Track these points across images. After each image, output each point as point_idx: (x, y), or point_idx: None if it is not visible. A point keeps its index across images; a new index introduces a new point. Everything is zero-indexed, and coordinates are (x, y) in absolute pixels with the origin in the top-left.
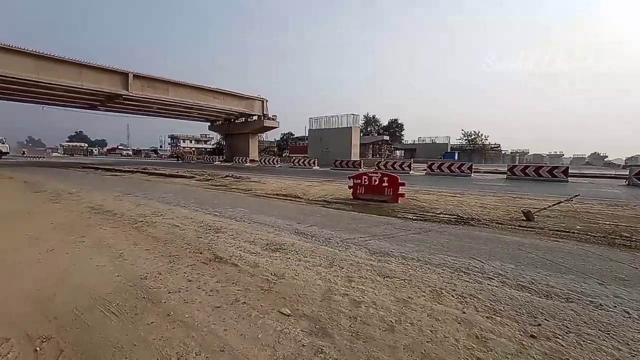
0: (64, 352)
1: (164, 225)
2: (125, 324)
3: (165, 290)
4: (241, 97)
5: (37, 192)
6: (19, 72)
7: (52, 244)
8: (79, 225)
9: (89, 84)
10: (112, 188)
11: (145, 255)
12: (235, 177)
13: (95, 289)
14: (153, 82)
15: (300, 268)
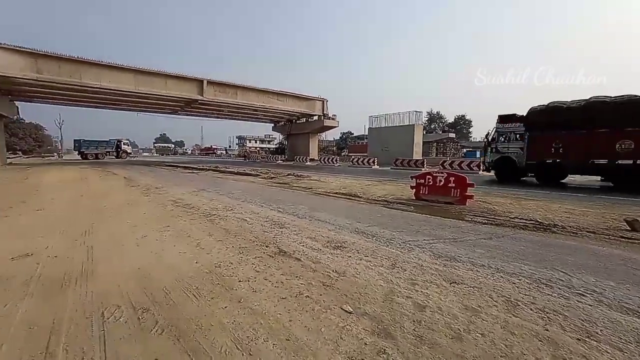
0: (159, 322)
1: (234, 219)
2: (203, 306)
3: (236, 278)
4: (302, 98)
5: (133, 187)
6: (123, 85)
7: (145, 231)
8: (164, 216)
9: (173, 92)
10: (189, 184)
11: (219, 245)
12: (296, 175)
13: (179, 272)
14: (224, 87)
15: (361, 267)
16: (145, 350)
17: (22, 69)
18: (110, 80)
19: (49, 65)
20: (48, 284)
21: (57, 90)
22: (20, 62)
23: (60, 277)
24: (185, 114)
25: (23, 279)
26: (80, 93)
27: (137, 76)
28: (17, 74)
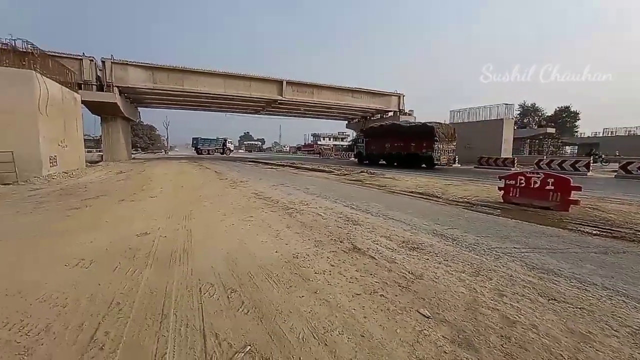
0: (244, 303)
1: (309, 214)
2: (282, 293)
3: (312, 270)
4: (377, 94)
5: (221, 180)
6: (215, 89)
7: (232, 220)
8: (248, 207)
9: (256, 93)
10: (269, 179)
11: (296, 237)
12: (369, 173)
13: (261, 259)
14: (301, 86)
15: (440, 271)
16: (234, 326)
17: (143, 80)
18: (205, 85)
19: (161, 76)
20: (161, 258)
21: (166, 96)
22: (142, 75)
23: (168, 253)
24: (266, 113)
25: (145, 252)
26: (182, 98)
27: (226, 80)
28: (141, 84)
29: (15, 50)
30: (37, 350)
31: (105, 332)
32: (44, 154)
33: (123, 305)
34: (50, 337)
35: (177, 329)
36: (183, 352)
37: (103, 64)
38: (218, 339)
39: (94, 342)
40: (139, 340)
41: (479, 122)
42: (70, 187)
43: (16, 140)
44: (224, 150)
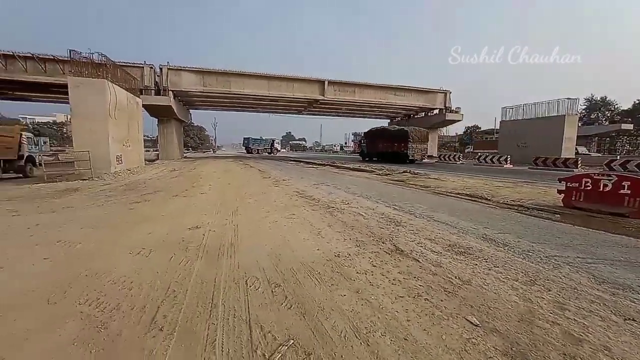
0: (288, 298)
1: (351, 213)
2: (324, 290)
3: (354, 270)
4: (421, 92)
5: (265, 178)
6: (259, 91)
7: (275, 217)
8: (290, 205)
9: (298, 94)
10: (310, 178)
11: (337, 236)
12: (412, 173)
13: (303, 257)
14: (343, 86)
15: (490, 278)
16: (277, 320)
17: (195, 84)
18: (250, 87)
19: (210, 79)
20: (210, 251)
21: (214, 99)
22: (194, 79)
23: (217, 247)
24: (308, 113)
25: (196, 244)
26: (229, 99)
27: (270, 82)
28: (192, 88)
29: (93, 63)
30: (110, 325)
31: (164, 315)
32: (112, 153)
33: (178, 293)
34: (120, 315)
35: (225, 318)
36: (231, 340)
37: (160, 71)
38: (263, 330)
39: (155, 324)
40: (192, 325)
41: (536, 119)
42: (132, 183)
43: (92, 141)
44: (272, 150)
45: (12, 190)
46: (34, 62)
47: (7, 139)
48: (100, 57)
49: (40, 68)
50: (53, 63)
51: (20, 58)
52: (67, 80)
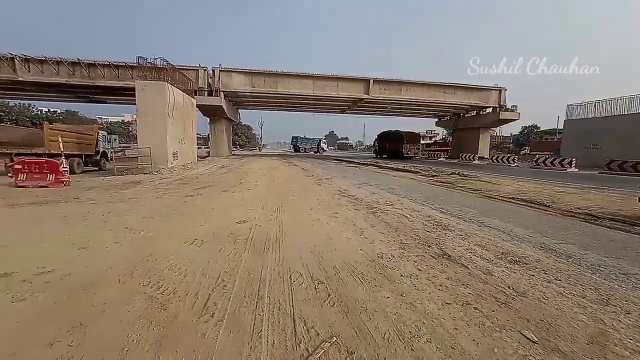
0: (331, 296)
1: (394, 214)
2: (367, 290)
3: (397, 272)
4: (473, 89)
5: (308, 177)
6: (305, 90)
7: (318, 215)
8: (333, 204)
9: (342, 93)
10: (353, 177)
11: (380, 237)
12: (461, 175)
13: (346, 256)
14: (388, 84)
15: (550, 291)
16: (320, 316)
17: (244, 84)
18: (296, 86)
19: (258, 80)
20: (256, 244)
21: (261, 98)
22: (243, 80)
23: (263, 241)
24: (352, 112)
25: (243, 237)
26: (275, 99)
27: (315, 81)
28: (241, 89)
29: (155, 67)
30: (169, 307)
31: (214, 302)
32: (170, 150)
33: (227, 283)
34: (177, 299)
35: (271, 310)
36: (276, 332)
37: (213, 72)
38: (306, 325)
39: (206, 310)
40: (239, 314)
41: (614, 117)
42: (186, 177)
43: (152, 138)
44: (318, 149)
45: (90, 181)
46: (110, 68)
47: (88, 137)
48: (162, 62)
49: (114, 74)
50: (124, 69)
51: (99, 66)
52: (135, 83)
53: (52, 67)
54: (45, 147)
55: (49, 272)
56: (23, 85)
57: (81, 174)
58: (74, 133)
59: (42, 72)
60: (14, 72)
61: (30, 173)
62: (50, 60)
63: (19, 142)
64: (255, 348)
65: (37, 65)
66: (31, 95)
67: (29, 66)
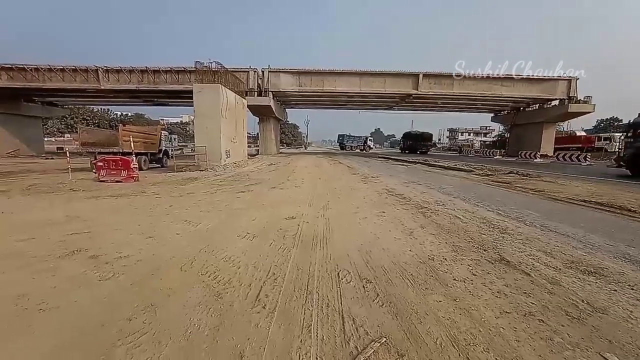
0: (379, 296)
1: (446, 215)
2: (418, 293)
3: (450, 276)
4: (536, 80)
5: (354, 175)
6: (351, 88)
7: (365, 214)
8: (380, 202)
9: (390, 89)
10: (400, 176)
11: (431, 238)
12: (521, 174)
13: (394, 256)
14: (439, 78)
15: (637, 310)
16: (369, 315)
17: (291, 84)
18: (342, 84)
19: (305, 79)
20: (305, 240)
21: (308, 97)
22: (290, 80)
23: (311, 237)
24: (399, 108)
25: (292, 233)
26: (322, 97)
27: (362, 78)
28: (289, 88)
29: (211, 70)
30: (224, 296)
31: (266, 294)
32: (223, 148)
33: (277, 276)
34: (231, 289)
35: (320, 306)
36: (325, 328)
37: (262, 73)
38: (355, 323)
39: (259, 301)
40: (289, 308)
41: None
42: (237, 174)
43: (207, 137)
44: (364, 147)
45: (154, 177)
46: (171, 74)
47: (153, 137)
48: (216, 65)
49: (175, 78)
50: (183, 73)
51: (162, 72)
52: (193, 86)
53: (125, 76)
54: (119, 147)
55: (125, 257)
56: (104, 93)
57: (147, 170)
58: (141, 133)
59: (118, 81)
60: (98, 81)
61: (108, 169)
62: (124, 70)
63: (101, 143)
64: (305, 342)
65: (114, 74)
66: (109, 100)
67: (108, 76)
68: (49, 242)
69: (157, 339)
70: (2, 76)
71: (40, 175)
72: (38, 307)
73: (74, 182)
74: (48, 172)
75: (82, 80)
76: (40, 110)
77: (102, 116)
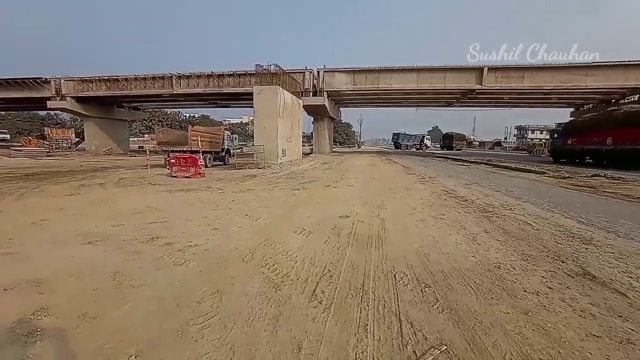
0: (439, 301)
1: (514, 220)
2: (482, 302)
3: (520, 287)
4: (632, 66)
5: (409, 174)
6: (407, 85)
7: (422, 215)
8: (438, 204)
9: (450, 84)
10: (460, 176)
11: (497, 245)
12: (610, 177)
13: (455, 261)
14: (507, 71)
15: None
16: (428, 321)
17: (346, 83)
18: (398, 81)
19: (360, 78)
20: (360, 239)
21: (362, 96)
22: (345, 79)
23: (365, 237)
24: (460, 105)
25: (347, 232)
26: (376, 96)
27: (419, 74)
28: (343, 87)
29: (269, 73)
30: (282, 288)
31: (322, 290)
32: (279, 147)
33: (333, 273)
34: (289, 282)
35: (376, 306)
36: (382, 329)
37: (317, 73)
38: (413, 328)
39: (315, 296)
40: (345, 305)
41: None
42: (293, 172)
43: (265, 137)
44: (420, 146)
45: (218, 174)
46: (234, 77)
47: (217, 136)
48: (274, 68)
49: (237, 81)
50: (244, 77)
51: (226, 76)
52: (253, 88)
53: (194, 80)
54: (188, 145)
55: (194, 246)
56: (176, 97)
57: (211, 167)
58: (207, 133)
59: (188, 85)
60: (172, 86)
61: (179, 166)
62: (193, 75)
63: (173, 142)
64: (361, 341)
65: (185, 80)
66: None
67: (180, 81)
68: (134, 229)
69: (224, 322)
70: (102, 87)
71: (127, 171)
72: (129, 284)
73: (152, 177)
74: (132, 168)
75: (159, 87)
76: (127, 114)
77: (173, 118)
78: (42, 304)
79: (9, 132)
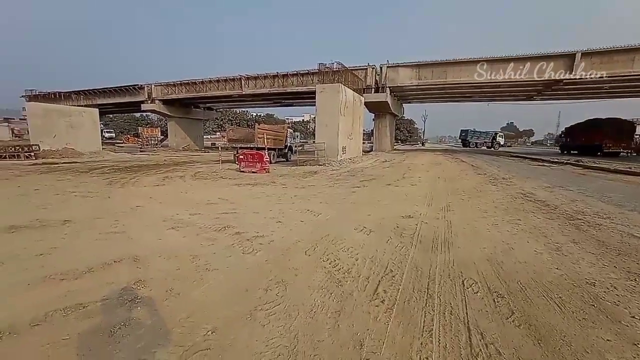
0: (514, 314)
1: (613, 231)
2: (572, 323)
3: (625, 311)
4: None
5: (479, 175)
6: (477, 77)
7: (495, 220)
8: (514, 208)
9: (530, 75)
10: (540, 178)
11: (589, 258)
12: None
13: (534, 272)
14: (609, 55)
15: None
16: (501, 334)
17: (410, 78)
18: (468, 74)
19: (425, 72)
20: (424, 241)
21: (428, 91)
22: (409, 74)
23: (430, 239)
24: (542, 98)
25: (410, 232)
26: (443, 90)
27: (492, 65)
28: (407, 83)
29: (332, 71)
30: (344, 284)
31: (384, 290)
32: (340, 145)
33: (395, 274)
34: (350, 279)
35: (442, 312)
36: (448, 336)
37: (380, 69)
38: (484, 339)
39: (377, 295)
40: (408, 307)
41: None
42: (352, 170)
43: (326, 134)
44: (492, 144)
45: (281, 169)
46: (297, 77)
47: (280, 134)
48: (337, 65)
49: (300, 81)
50: (307, 76)
51: (290, 76)
52: (315, 87)
53: (260, 81)
54: (254, 142)
55: (261, 237)
56: (244, 97)
57: (275, 163)
58: (272, 131)
59: (255, 86)
60: (240, 87)
61: (247, 162)
62: (260, 76)
63: (242, 139)
64: (426, 345)
65: (252, 81)
66: (248, 103)
67: (248, 82)
68: (209, 218)
69: (288, 311)
70: (183, 90)
71: (202, 165)
72: (205, 267)
73: (223, 171)
74: (206, 163)
75: (230, 88)
76: (202, 114)
77: (242, 117)
78: (140, 277)
79: (115, 131)
